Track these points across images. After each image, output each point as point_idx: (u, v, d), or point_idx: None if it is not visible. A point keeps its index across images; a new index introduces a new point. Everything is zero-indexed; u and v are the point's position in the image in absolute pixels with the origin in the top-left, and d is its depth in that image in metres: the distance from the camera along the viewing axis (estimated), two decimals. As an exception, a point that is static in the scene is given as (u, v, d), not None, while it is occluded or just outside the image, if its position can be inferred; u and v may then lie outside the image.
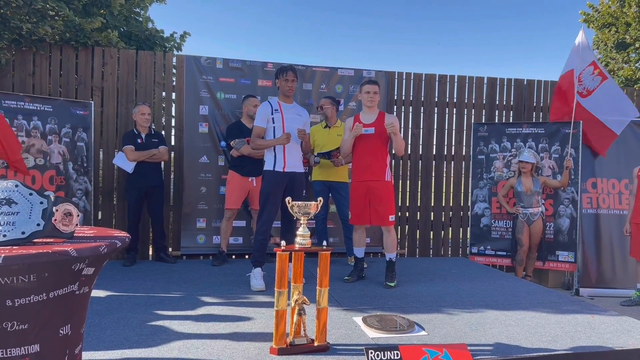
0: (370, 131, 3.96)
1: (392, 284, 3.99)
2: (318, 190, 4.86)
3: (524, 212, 5.14)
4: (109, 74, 5.15)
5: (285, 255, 2.50)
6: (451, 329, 2.95)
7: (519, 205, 5.17)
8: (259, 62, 5.38)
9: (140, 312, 3.12)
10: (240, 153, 4.64)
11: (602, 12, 9.91)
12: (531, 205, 5.11)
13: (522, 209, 5.14)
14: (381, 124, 3.94)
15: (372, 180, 3.96)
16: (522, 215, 5.15)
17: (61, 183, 4.57)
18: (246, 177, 4.72)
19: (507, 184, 5.33)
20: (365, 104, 4.03)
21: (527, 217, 5.14)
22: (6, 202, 1.54)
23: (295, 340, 2.53)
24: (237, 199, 4.76)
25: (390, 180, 4.05)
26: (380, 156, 3.97)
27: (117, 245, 1.63)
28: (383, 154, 3.99)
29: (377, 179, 3.96)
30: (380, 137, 3.96)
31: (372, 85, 4.01)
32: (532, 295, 3.87)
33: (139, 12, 6.90)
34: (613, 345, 2.75)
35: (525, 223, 5.14)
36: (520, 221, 5.16)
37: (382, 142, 3.98)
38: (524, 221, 5.14)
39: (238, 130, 4.75)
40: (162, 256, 4.88)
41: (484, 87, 6.17)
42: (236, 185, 4.75)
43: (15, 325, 1.40)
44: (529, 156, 5.15)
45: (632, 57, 9.61)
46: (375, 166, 3.96)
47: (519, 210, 5.16)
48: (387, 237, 4.07)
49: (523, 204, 5.14)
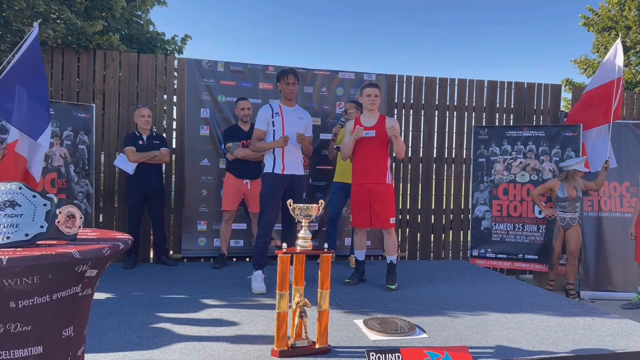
0: (371, 134, 3.97)
1: (393, 287, 3.99)
2: (335, 192, 4.91)
3: (563, 217, 5.03)
4: (111, 77, 5.17)
5: (286, 258, 2.50)
6: (452, 332, 2.95)
7: (559, 209, 5.04)
8: (260, 65, 5.40)
9: (141, 315, 3.12)
10: (235, 156, 4.66)
11: (601, 15, 9.94)
12: (572, 210, 5.01)
13: (562, 213, 5.03)
14: (382, 127, 3.95)
15: (373, 183, 3.97)
16: (560, 220, 5.04)
17: (62, 186, 4.58)
18: (241, 179, 4.74)
19: (545, 185, 5.17)
20: (366, 107, 4.04)
21: (566, 222, 5.02)
22: (10, 204, 1.54)
23: (296, 342, 2.53)
24: (232, 200, 4.78)
25: (391, 183, 4.06)
26: (380, 159, 3.98)
27: (120, 248, 1.63)
28: (384, 156, 4.00)
29: (377, 182, 3.96)
30: (381, 140, 3.97)
31: (373, 88, 4.02)
32: (533, 298, 3.87)
33: (140, 15, 6.93)
34: (614, 348, 2.75)
35: (562, 228, 5.04)
36: (558, 226, 5.05)
37: (382, 145, 3.99)
38: (562, 225, 5.03)
39: (233, 133, 4.77)
40: (163, 259, 4.89)
41: (484, 90, 6.18)
42: (231, 187, 4.77)
43: (18, 327, 1.40)
44: (582, 165, 4.99)
45: (633, 60, 9.62)
46: (375, 169, 3.97)
47: (557, 213, 5.05)
48: (387, 240, 4.08)
49: (564, 210, 5.01)
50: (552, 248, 5.09)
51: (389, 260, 4.08)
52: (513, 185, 5.53)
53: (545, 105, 6.31)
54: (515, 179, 5.54)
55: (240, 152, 4.63)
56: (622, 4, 9.55)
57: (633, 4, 9.14)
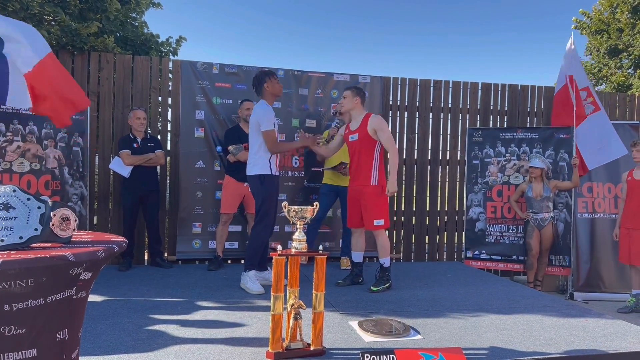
0: (354, 138, 4.02)
1: (375, 289, 3.96)
2: (325, 193, 4.90)
3: (534, 218, 5.15)
4: (105, 79, 5.16)
5: (281, 260, 2.51)
6: (446, 333, 2.96)
7: (530, 210, 5.18)
8: (255, 67, 5.40)
9: (136, 317, 3.11)
10: (237, 159, 4.65)
11: (594, 18, 10.02)
12: (541, 211, 5.12)
13: (533, 214, 5.15)
14: (364, 129, 3.96)
15: (360, 185, 4.00)
16: (532, 221, 5.16)
17: (57, 188, 4.56)
18: (241, 183, 4.72)
19: (518, 189, 5.35)
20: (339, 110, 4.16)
21: (537, 222, 5.14)
22: (4, 207, 1.54)
23: (291, 344, 2.53)
24: (232, 203, 4.77)
25: (378, 184, 3.97)
26: (364, 161, 3.98)
27: (115, 250, 1.63)
28: (368, 158, 3.97)
29: (364, 184, 3.99)
30: (362, 142, 3.97)
31: (345, 90, 4.11)
32: (527, 299, 3.89)
33: (135, 17, 6.92)
34: (607, 348, 2.77)
35: (536, 228, 5.15)
36: (531, 226, 5.17)
37: (365, 146, 3.97)
38: (535, 226, 5.15)
39: (236, 135, 4.75)
40: (157, 261, 4.88)
41: (478, 93, 6.21)
42: (231, 190, 4.76)
43: (12, 330, 1.40)
44: (538, 162, 5.16)
45: (625, 62, 9.70)
46: (361, 171, 4.00)
47: (530, 215, 5.18)
48: (377, 242, 4.07)
49: (533, 210, 5.15)
50: (530, 247, 5.17)
51: (380, 262, 4.09)
52: (507, 186, 5.56)
53: (538, 107, 6.35)
54: (509, 181, 5.56)
55: (244, 155, 4.51)
56: (614, 7, 9.63)
57: (625, 7, 9.22)
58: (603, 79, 10.05)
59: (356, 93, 4.04)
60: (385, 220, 3.97)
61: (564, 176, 5.35)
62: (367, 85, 5.74)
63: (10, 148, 4.33)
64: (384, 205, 3.99)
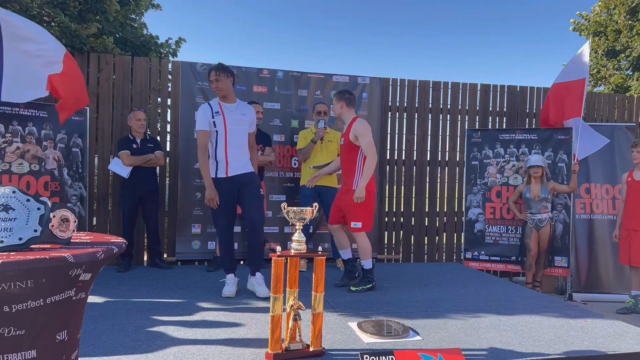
0: (342, 142, 4.15)
1: (354, 289, 3.99)
2: (308, 195, 4.84)
3: (532, 218, 5.15)
4: (105, 80, 5.16)
5: (281, 261, 2.51)
6: (445, 334, 2.96)
7: (528, 211, 5.19)
8: (254, 69, 5.41)
9: (135, 318, 3.11)
10: None
11: (591, 20, 10.05)
12: (539, 212, 5.12)
13: (531, 215, 5.16)
14: (348, 134, 4.03)
15: (345, 188, 4.10)
16: (530, 222, 5.16)
17: (56, 189, 4.56)
18: None
19: (516, 190, 5.36)
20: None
21: (535, 223, 5.14)
22: (3, 208, 1.54)
23: (290, 345, 2.54)
24: None
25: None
26: (348, 165, 4.07)
27: (114, 251, 1.63)
28: (352, 163, 4.03)
29: (347, 188, 4.05)
30: (347, 147, 4.05)
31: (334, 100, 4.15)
32: (526, 300, 3.90)
33: (135, 19, 6.93)
34: (606, 349, 2.77)
35: (534, 229, 5.15)
36: (529, 227, 5.17)
37: (348, 151, 4.04)
38: (533, 227, 5.16)
39: None
40: (157, 262, 4.87)
41: (477, 94, 6.22)
42: None
43: (12, 331, 1.40)
44: (539, 160, 5.16)
45: (623, 64, 9.73)
46: (345, 175, 4.12)
47: (528, 216, 5.18)
48: (357, 244, 4.05)
49: (532, 211, 5.15)
50: (529, 248, 5.17)
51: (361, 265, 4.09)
52: (506, 187, 5.57)
53: (537, 108, 6.36)
54: (508, 182, 5.57)
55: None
56: (611, 9, 9.66)
57: (622, 8, 9.24)
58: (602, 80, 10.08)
59: (339, 98, 4.08)
60: (364, 223, 3.96)
61: (562, 177, 5.36)
62: (367, 87, 5.74)
63: (10, 149, 4.33)
64: (365, 208, 3.96)
